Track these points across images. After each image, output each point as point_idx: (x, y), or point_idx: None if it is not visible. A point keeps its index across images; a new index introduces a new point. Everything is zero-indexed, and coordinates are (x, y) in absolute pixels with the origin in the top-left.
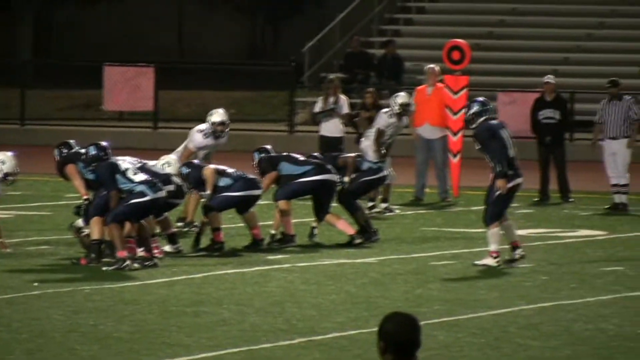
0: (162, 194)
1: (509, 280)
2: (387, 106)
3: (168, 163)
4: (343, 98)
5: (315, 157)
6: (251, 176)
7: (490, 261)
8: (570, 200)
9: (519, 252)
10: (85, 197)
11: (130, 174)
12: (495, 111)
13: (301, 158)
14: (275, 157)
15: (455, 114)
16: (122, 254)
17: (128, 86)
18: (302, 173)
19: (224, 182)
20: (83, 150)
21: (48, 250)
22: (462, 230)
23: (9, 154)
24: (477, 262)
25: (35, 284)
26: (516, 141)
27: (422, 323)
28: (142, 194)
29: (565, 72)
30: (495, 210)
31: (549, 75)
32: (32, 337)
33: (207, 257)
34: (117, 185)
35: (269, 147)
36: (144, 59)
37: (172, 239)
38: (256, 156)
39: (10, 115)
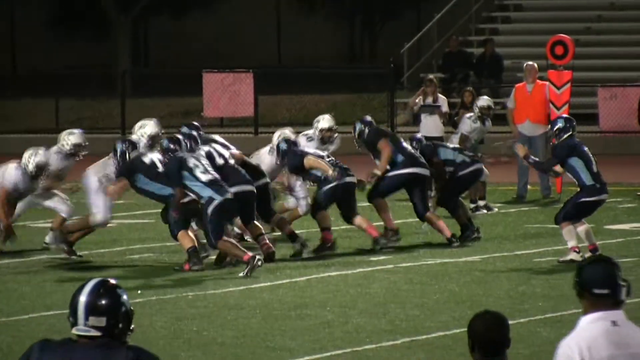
0: (229, 195)
1: None
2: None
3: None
4: (442, 97)
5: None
6: (345, 165)
7: (574, 256)
8: None
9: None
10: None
11: (197, 172)
12: (575, 129)
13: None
14: (381, 132)
15: (559, 109)
16: (247, 257)
17: (227, 92)
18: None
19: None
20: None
21: (151, 257)
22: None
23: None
24: (561, 259)
25: (139, 291)
26: (620, 136)
27: (525, 320)
28: (210, 200)
29: None
30: (571, 212)
31: None
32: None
33: (310, 260)
34: (181, 181)
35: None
36: (243, 64)
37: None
38: (358, 126)
39: (113, 125)
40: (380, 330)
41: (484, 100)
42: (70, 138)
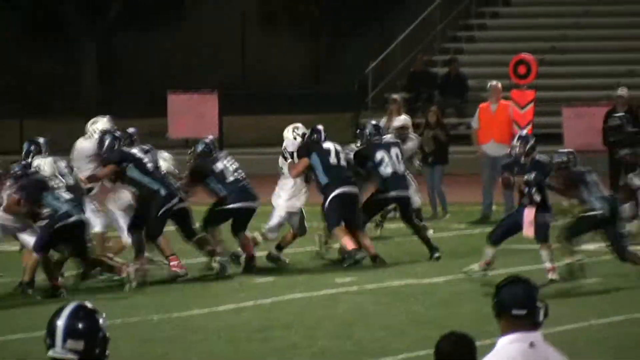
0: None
1: (580, 295)
2: (451, 125)
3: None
4: (405, 117)
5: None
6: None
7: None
8: None
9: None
10: None
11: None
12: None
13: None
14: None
15: (522, 128)
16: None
17: (192, 113)
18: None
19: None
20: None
21: (116, 278)
22: (528, 246)
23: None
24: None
25: (103, 314)
26: (585, 156)
27: (490, 341)
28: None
29: (629, 84)
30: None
31: (622, 87)
32: None
33: (275, 282)
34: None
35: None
36: (207, 84)
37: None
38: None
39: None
40: (346, 352)
41: (398, 121)
42: (97, 126)
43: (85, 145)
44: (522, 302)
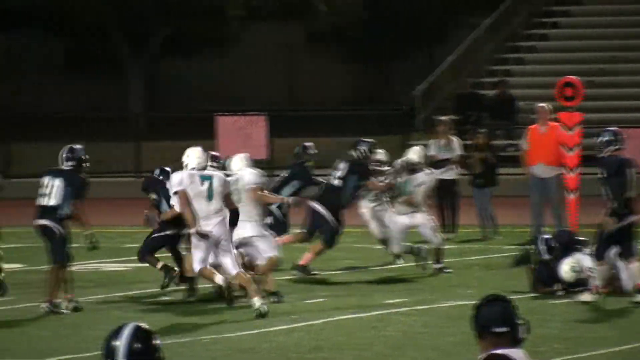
0: None
1: (631, 317)
2: (500, 147)
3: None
4: (455, 140)
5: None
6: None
7: (588, 297)
8: None
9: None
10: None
11: None
12: (624, 142)
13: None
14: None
15: (570, 149)
16: None
17: (241, 135)
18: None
19: None
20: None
21: (165, 301)
22: None
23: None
24: (580, 298)
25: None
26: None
27: None
28: None
29: None
30: (602, 247)
31: None
32: None
33: (327, 303)
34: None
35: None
36: (255, 107)
37: None
38: None
39: (127, 169)
40: None
41: (413, 152)
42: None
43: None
44: (503, 319)
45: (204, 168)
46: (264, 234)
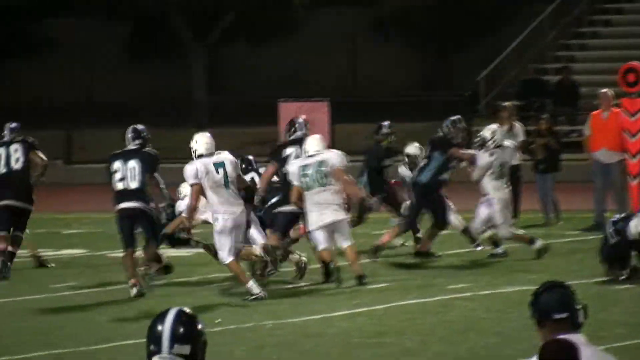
0: None
1: None
2: (563, 132)
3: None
4: (518, 125)
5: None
6: None
7: None
8: None
9: None
10: None
11: None
12: None
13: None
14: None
15: (633, 136)
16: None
17: None
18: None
19: None
20: None
21: (228, 286)
22: None
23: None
24: None
25: (219, 320)
26: None
27: (603, 347)
28: None
29: None
30: None
31: None
32: None
33: (389, 288)
34: None
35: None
36: (318, 93)
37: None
38: None
39: (189, 155)
40: (459, 358)
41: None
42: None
43: None
44: (562, 305)
45: (212, 154)
46: (343, 219)
